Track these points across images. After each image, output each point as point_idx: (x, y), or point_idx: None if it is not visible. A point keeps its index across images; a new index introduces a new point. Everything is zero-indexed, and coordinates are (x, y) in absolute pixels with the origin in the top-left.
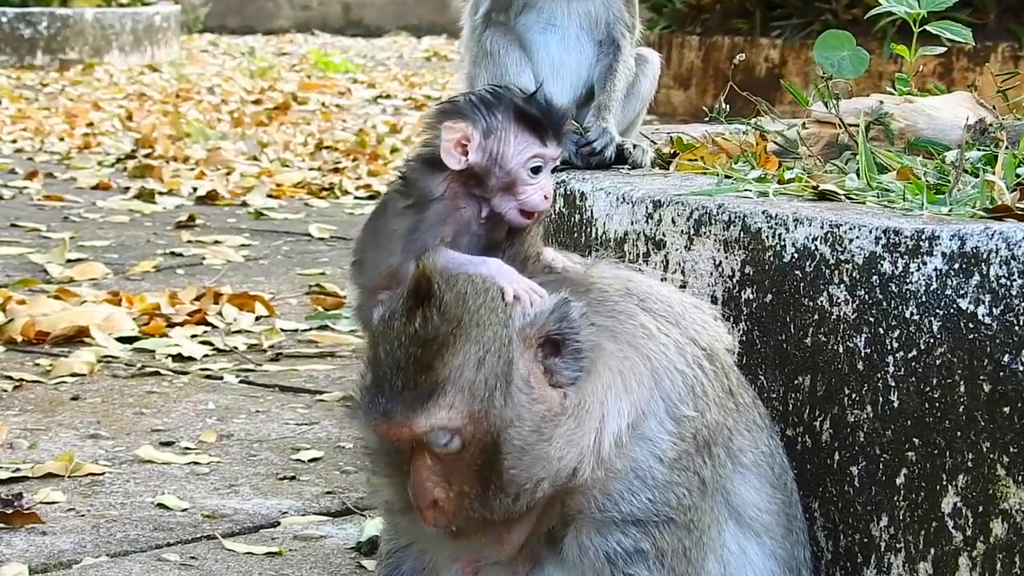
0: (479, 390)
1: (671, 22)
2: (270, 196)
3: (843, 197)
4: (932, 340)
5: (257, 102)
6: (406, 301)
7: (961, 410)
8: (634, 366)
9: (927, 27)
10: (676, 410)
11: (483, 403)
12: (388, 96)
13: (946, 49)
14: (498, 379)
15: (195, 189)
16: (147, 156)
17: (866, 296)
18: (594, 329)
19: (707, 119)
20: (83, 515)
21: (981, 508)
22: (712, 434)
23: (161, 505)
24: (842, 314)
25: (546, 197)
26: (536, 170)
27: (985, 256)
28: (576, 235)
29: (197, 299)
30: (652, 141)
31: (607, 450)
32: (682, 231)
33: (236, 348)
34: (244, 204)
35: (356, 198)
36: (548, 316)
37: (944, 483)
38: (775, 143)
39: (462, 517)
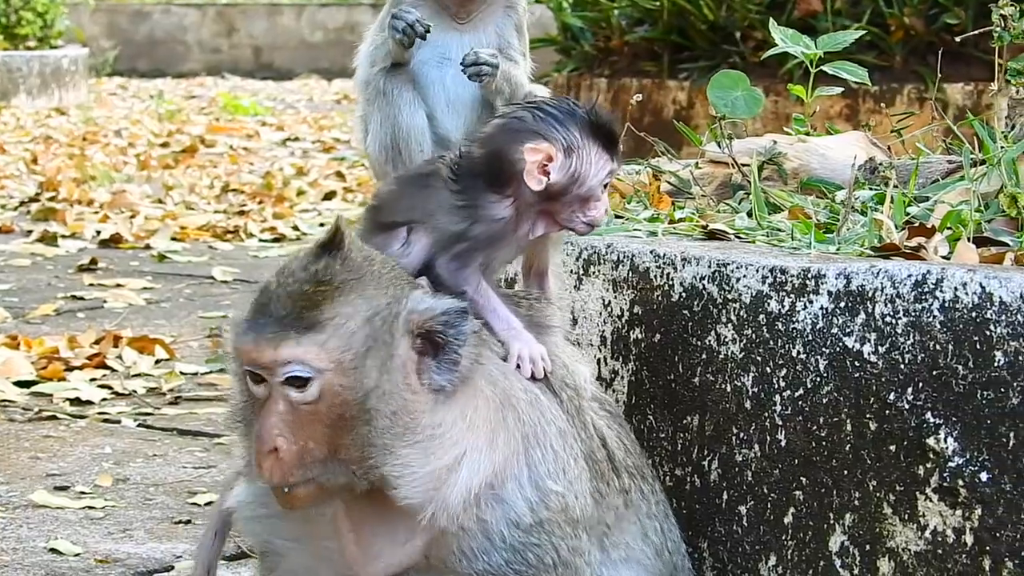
0: (357, 344)
1: (579, 64)
2: (174, 239)
3: (733, 236)
4: (819, 379)
5: (165, 145)
6: (315, 247)
7: (848, 449)
8: (507, 426)
9: (824, 68)
10: (542, 482)
11: (355, 359)
12: (297, 139)
13: (842, 90)
14: (379, 345)
15: (99, 232)
16: (51, 199)
17: (753, 335)
18: (478, 353)
19: None
20: None
21: (868, 547)
22: (585, 520)
23: (54, 550)
24: (730, 353)
25: (606, 210)
26: (606, 185)
27: (871, 294)
28: None
29: (97, 342)
30: None
31: (455, 505)
32: (571, 271)
33: (135, 392)
34: (148, 247)
35: (261, 240)
36: (436, 313)
37: (831, 522)
38: (669, 183)
39: (299, 475)
